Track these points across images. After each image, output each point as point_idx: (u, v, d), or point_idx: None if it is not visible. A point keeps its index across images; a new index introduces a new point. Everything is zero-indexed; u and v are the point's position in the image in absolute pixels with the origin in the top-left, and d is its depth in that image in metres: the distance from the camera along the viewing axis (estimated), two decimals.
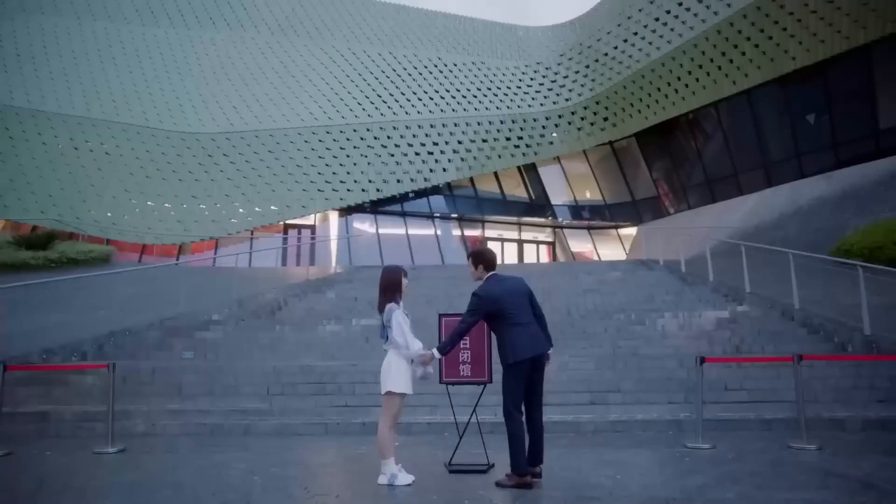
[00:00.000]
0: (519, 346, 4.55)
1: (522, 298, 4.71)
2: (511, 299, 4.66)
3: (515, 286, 4.77)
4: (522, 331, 4.59)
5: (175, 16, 28.08)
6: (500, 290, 4.70)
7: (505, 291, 4.69)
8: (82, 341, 10.11)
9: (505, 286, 4.74)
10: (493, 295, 4.67)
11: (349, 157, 24.76)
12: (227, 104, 25.13)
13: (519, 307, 4.65)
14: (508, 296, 4.67)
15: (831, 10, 18.19)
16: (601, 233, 29.74)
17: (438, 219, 27.28)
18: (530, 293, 4.80)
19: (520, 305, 4.66)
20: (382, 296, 4.77)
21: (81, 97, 24.26)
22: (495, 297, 4.65)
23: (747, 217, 20.81)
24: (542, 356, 4.67)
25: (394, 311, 4.64)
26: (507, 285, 4.76)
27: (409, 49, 29.04)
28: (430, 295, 14.16)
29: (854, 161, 18.71)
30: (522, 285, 4.82)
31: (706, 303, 12.18)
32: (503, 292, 4.68)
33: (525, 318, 4.64)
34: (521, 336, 4.57)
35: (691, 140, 24.83)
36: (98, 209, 22.20)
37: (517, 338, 4.57)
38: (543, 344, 4.68)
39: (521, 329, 4.59)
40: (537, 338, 4.65)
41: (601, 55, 26.20)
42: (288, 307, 13.48)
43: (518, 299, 4.69)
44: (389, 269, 4.91)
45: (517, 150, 26.90)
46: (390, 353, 4.66)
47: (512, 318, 4.60)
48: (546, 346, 4.72)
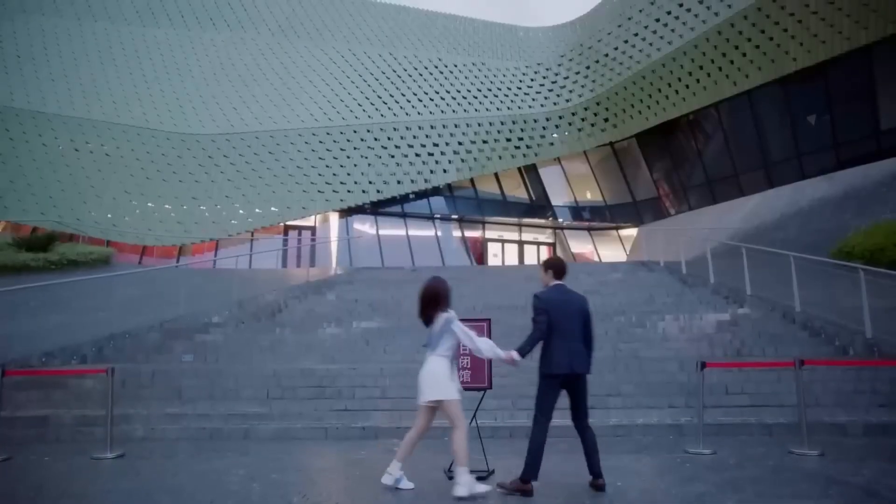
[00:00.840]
0: (555, 360, 4.62)
1: (575, 315, 4.72)
2: (561, 311, 4.68)
3: (572, 301, 4.79)
4: (563, 346, 4.62)
5: (175, 17, 28.07)
6: (555, 298, 4.74)
7: (558, 302, 4.73)
8: (82, 344, 10.10)
9: (562, 298, 4.77)
10: (544, 301, 4.73)
11: (349, 158, 24.74)
12: (228, 105, 25.11)
13: (566, 321, 4.66)
14: (559, 307, 4.69)
15: (832, 11, 18.15)
16: (602, 233, 29.70)
17: (439, 220, 27.24)
18: (586, 313, 4.80)
19: (568, 320, 4.67)
20: (430, 307, 4.72)
21: (82, 98, 24.25)
22: (544, 304, 4.70)
23: (748, 218, 20.77)
24: (574, 375, 4.67)
25: (454, 319, 4.65)
26: (564, 297, 4.78)
27: (410, 50, 29.02)
28: None
29: (855, 162, 18.68)
30: (580, 303, 4.81)
31: (707, 305, 12.15)
32: (556, 302, 4.72)
33: (570, 333, 4.65)
34: (559, 350, 4.62)
35: (692, 141, 24.80)
36: (98, 210, 22.20)
37: (556, 351, 4.63)
38: (582, 364, 4.69)
39: (563, 344, 4.62)
40: (578, 356, 4.66)
41: (602, 56, 26.17)
42: (288, 309, 13.45)
43: (569, 314, 4.70)
44: (438, 280, 4.86)
45: (517, 150, 26.87)
46: (437, 361, 4.64)
47: (557, 330, 4.63)
48: (585, 366, 4.73)
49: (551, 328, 4.63)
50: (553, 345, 4.63)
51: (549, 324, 4.63)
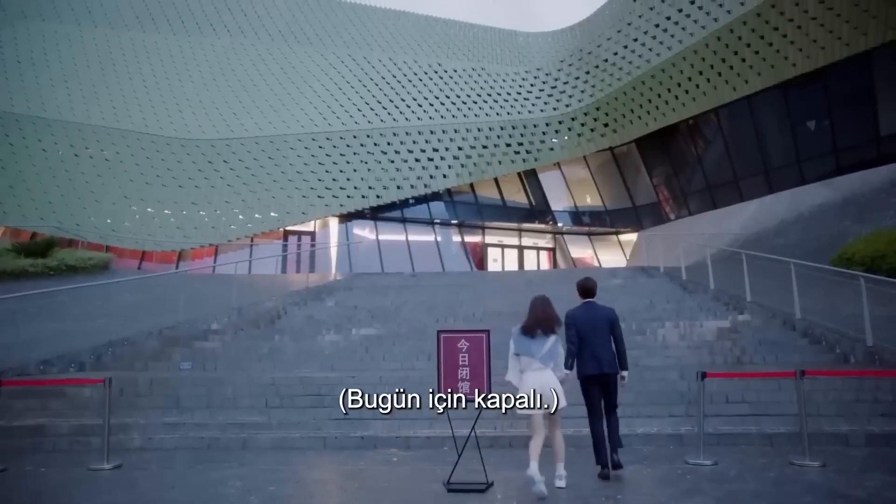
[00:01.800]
0: (582, 364, 5.45)
1: (601, 325, 5.45)
2: (586, 324, 5.45)
3: (597, 314, 5.54)
4: (588, 352, 5.39)
5: (175, 22, 28.10)
6: (579, 314, 5.54)
7: (583, 317, 5.52)
8: (80, 351, 10.08)
9: (587, 313, 5.55)
10: (571, 317, 5.54)
11: (349, 163, 24.73)
12: (227, 110, 25.12)
13: (592, 332, 5.42)
14: (584, 321, 5.47)
15: (831, 17, 18.16)
16: (601, 239, 29.68)
17: (438, 225, 27.22)
18: (612, 323, 5.51)
19: (593, 330, 5.42)
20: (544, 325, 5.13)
21: (81, 103, 24.27)
22: (571, 319, 5.51)
23: (748, 223, 20.75)
24: (606, 375, 5.40)
25: (559, 340, 5.19)
26: (589, 312, 5.55)
27: (409, 55, 29.04)
28: (430, 302, 14.14)
29: (855, 167, 18.67)
30: (605, 315, 5.54)
31: (707, 311, 12.12)
32: (580, 317, 5.51)
33: (596, 342, 5.40)
34: (583, 356, 5.42)
35: (692, 146, 24.81)
36: (97, 216, 22.19)
37: (582, 357, 5.44)
38: (609, 366, 5.40)
39: (588, 351, 5.39)
40: (603, 361, 5.38)
41: (601, 61, 26.19)
42: (287, 316, 13.44)
43: (594, 325, 5.45)
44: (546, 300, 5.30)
45: (517, 155, 26.87)
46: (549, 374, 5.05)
47: (584, 340, 5.40)
48: (613, 368, 5.43)
49: (581, 339, 5.41)
50: (583, 353, 5.42)
51: (580, 336, 5.42)
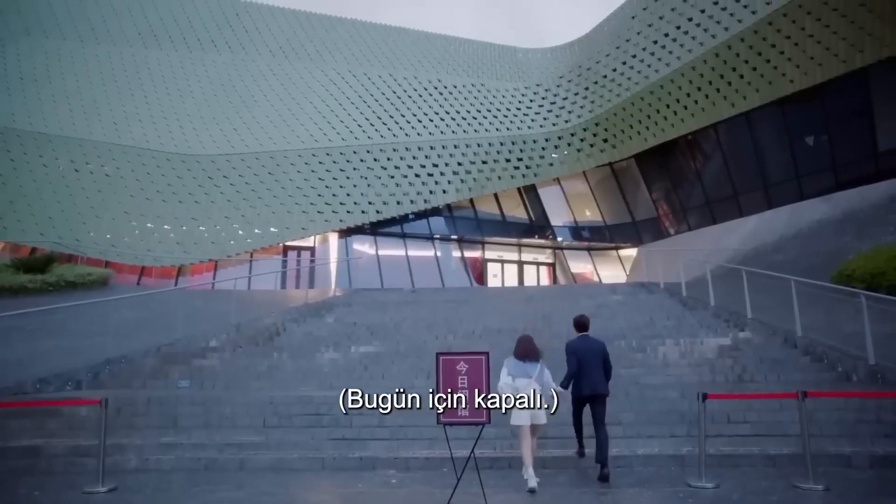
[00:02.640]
0: (583, 386, 6.45)
1: (595, 355, 6.52)
2: (583, 354, 6.49)
3: (592, 346, 6.61)
4: (584, 376, 6.43)
5: (177, 39, 28.31)
6: (577, 345, 6.60)
7: (580, 347, 6.56)
8: (77, 369, 10.02)
9: (583, 345, 6.60)
10: (571, 347, 6.62)
11: (349, 178, 24.78)
12: (228, 126, 25.22)
13: (588, 360, 6.47)
14: (581, 351, 6.52)
15: (827, 34, 18.30)
16: (601, 254, 29.66)
17: (438, 240, 27.21)
18: (604, 353, 6.60)
19: (589, 359, 6.48)
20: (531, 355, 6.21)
21: (83, 119, 24.38)
22: (571, 349, 6.59)
23: (747, 239, 20.76)
24: (597, 395, 6.46)
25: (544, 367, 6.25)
26: (585, 344, 6.62)
27: (409, 71, 29.22)
28: (429, 319, 14.08)
29: (854, 183, 18.72)
30: (599, 347, 6.63)
31: (707, 328, 12.07)
32: (578, 347, 6.56)
33: (590, 368, 6.45)
34: (580, 379, 6.44)
35: (691, 161, 24.88)
36: (97, 231, 22.19)
37: (578, 380, 6.45)
38: (599, 388, 6.45)
39: (584, 375, 6.43)
40: (596, 383, 6.45)
41: (600, 77, 26.34)
42: (286, 332, 13.37)
43: (590, 355, 6.50)
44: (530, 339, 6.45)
45: (517, 171, 26.93)
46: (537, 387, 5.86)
47: (581, 366, 6.43)
48: (605, 389, 6.48)
49: (579, 365, 6.43)
50: (583, 377, 6.43)
51: (579, 363, 6.43)
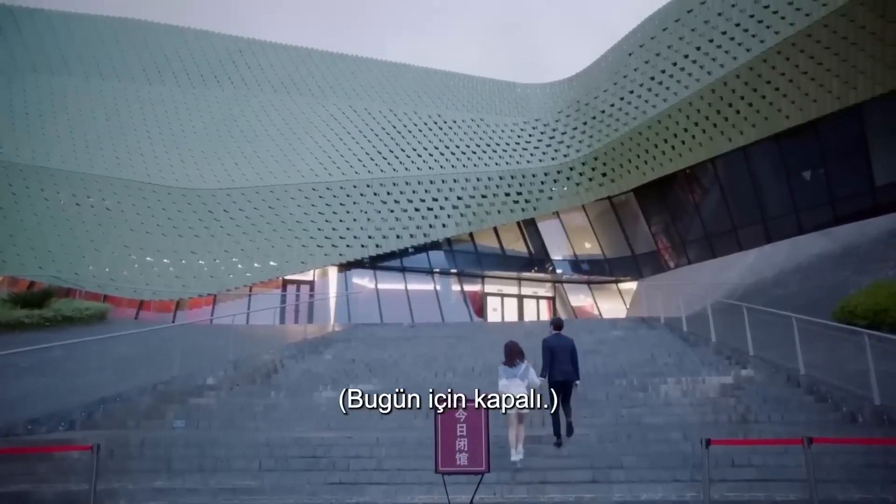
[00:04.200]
0: (555, 374, 8.10)
1: (565, 350, 8.24)
2: (557, 348, 8.22)
3: (563, 343, 8.33)
4: (558, 367, 8.12)
5: (180, 75, 28.74)
6: (552, 342, 8.32)
7: (555, 344, 8.28)
8: (71, 409, 9.86)
9: (557, 342, 8.33)
10: (546, 343, 8.36)
11: (349, 212, 24.86)
12: (229, 160, 25.43)
13: (560, 353, 8.18)
14: (554, 346, 8.25)
15: (821, 72, 18.57)
16: (601, 287, 29.59)
17: (438, 274, 27.17)
18: (572, 348, 8.33)
19: (562, 353, 8.19)
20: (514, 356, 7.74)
21: (85, 153, 24.58)
22: (546, 345, 8.31)
23: (747, 273, 20.73)
24: (567, 382, 8.15)
25: (529, 365, 7.83)
26: (558, 341, 8.34)
27: (409, 106, 29.59)
28: (428, 355, 13.96)
29: (852, 217, 18.79)
30: (568, 343, 8.35)
31: (709, 366, 11.94)
32: (553, 344, 8.29)
33: (562, 360, 8.16)
34: (556, 370, 8.12)
35: (690, 195, 25.00)
36: (97, 265, 22.17)
37: (555, 370, 8.12)
38: (569, 375, 8.17)
39: (557, 365, 8.13)
40: (566, 372, 8.15)
41: (598, 112, 26.65)
42: (284, 370, 13.23)
43: (562, 349, 8.22)
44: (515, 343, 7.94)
45: (516, 205, 27.04)
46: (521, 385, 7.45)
47: (555, 359, 8.15)
48: (572, 376, 8.22)
49: (552, 358, 8.15)
50: (554, 367, 8.14)
51: (552, 355, 8.16)
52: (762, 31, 19.71)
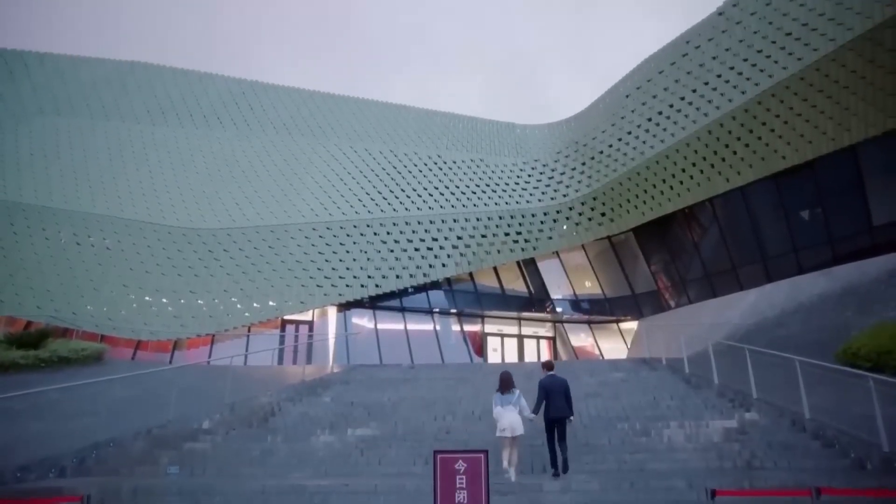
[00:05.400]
0: (550, 411, 9.01)
1: (559, 389, 9.13)
2: (551, 387, 9.13)
3: (557, 381, 9.23)
4: (551, 404, 9.02)
5: (184, 116, 29.17)
6: (546, 382, 9.23)
7: (549, 383, 9.21)
8: (62, 455, 9.69)
9: (551, 381, 9.24)
10: (541, 383, 9.25)
11: (349, 252, 24.89)
12: (230, 200, 25.58)
13: (555, 392, 9.08)
14: (550, 385, 9.16)
15: (815, 114, 18.83)
16: (602, 327, 29.41)
17: (437, 314, 27.03)
18: (566, 387, 9.23)
19: (556, 391, 9.08)
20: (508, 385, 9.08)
21: (88, 193, 24.75)
22: (541, 384, 9.21)
23: (748, 313, 20.62)
24: (562, 418, 8.98)
25: (520, 394, 9.02)
26: (552, 381, 9.24)
27: (410, 146, 29.93)
28: (428, 398, 13.77)
29: (851, 257, 18.79)
30: (562, 382, 9.25)
31: (712, 409, 11.77)
32: (548, 383, 9.21)
33: (556, 398, 9.03)
34: (551, 407, 9.00)
35: (689, 234, 25.07)
36: (95, 304, 22.08)
37: (550, 407, 9.01)
38: (563, 411, 9.00)
39: (551, 403, 9.02)
40: (560, 409, 8.99)
41: (597, 153, 26.93)
42: (281, 412, 13.04)
43: (556, 388, 9.12)
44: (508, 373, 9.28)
45: (516, 245, 27.09)
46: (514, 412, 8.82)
47: (549, 397, 9.05)
48: (566, 413, 9.01)
49: (547, 396, 9.07)
50: (549, 405, 9.03)
51: (547, 394, 9.07)
52: (756, 74, 20.07)
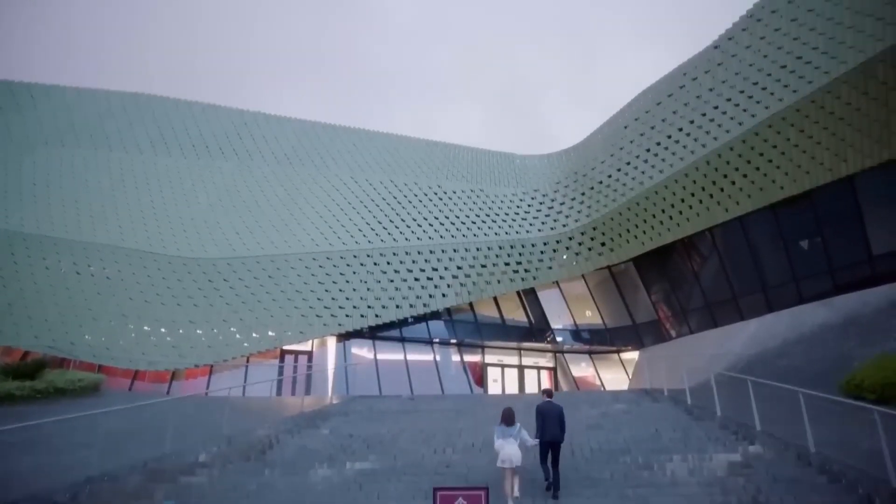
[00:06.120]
0: (545, 434, 9.62)
1: (555, 414, 9.77)
2: (547, 413, 9.77)
3: (553, 408, 9.87)
4: (546, 428, 9.63)
5: (186, 147, 29.44)
6: (543, 407, 9.86)
7: (545, 409, 9.84)
8: (55, 490, 9.50)
9: (547, 407, 9.87)
10: (538, 409, 9.90)
11: (349, 282, 24.86)
12: (231, 230, 25.65)
13: (550, 418, 9.70)
14: (546, 411, 9.79)
15: (812, 145, 19.00)
16: (603, 357, 29.21)
17: (437, 344, 26.86)
18: (561, 413, 9.86)
19: (551, 417, 9.71)
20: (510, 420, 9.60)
21: (89, 223, 24.84)
22: (538, 410, 9.86)
23: (750, 343, 20.50)
24: (556, 441, 9.59)
25: (521, 427, 9.58)
26: (548, 406, 9.88)
27: (410, 177, 30.14)
28: (428, 430, 13.61)
29: (852, 287, 18.76)
30: (557, 408, 9.89)
31: (716, 442, 11.61)
32: (544, 409, 9.84)
33: (551, 423, 9.66)
34: (546, 430, 9.63)
35: (689, 264, 25.07)
36: (93, 334, 21.98)
37: (545, 430, 9.63)
38: (557, 436, 9.62)
39: (547, 427, 9.64)
40: (554, 433, 9.62)
41: (596, 183, 27.11)
42: (279, 445, 12.86)
43: (551, 414, 9.76)
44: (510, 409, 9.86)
45: (516, 274, 27.08)
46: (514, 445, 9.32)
47: (545, 422, 9.67)
48: (560, 437, 9.64)
49: (543, 421, 9.69)
50: (544, 429, 9.65)
51: (542, 419, 9.70)
52: (752, 105, 20.33)
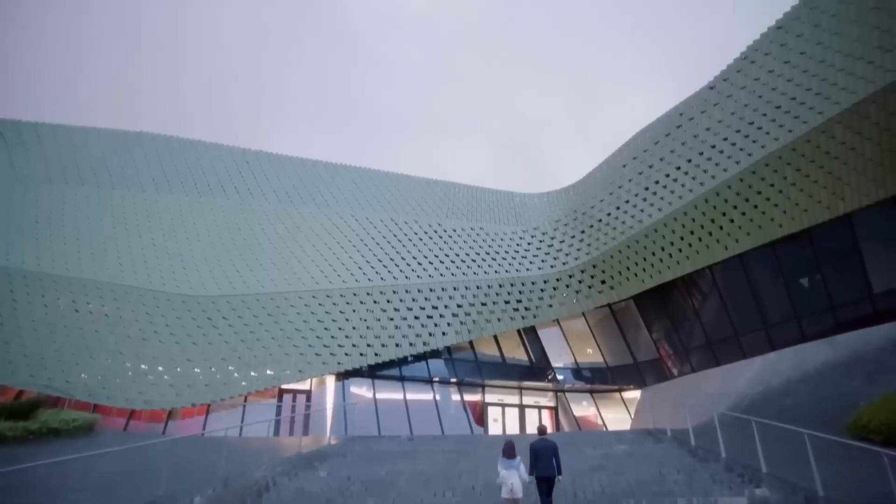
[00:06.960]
0: (539, 469, 10.08)
1: (548, 450, 10.17)
2: (541, 449, 10.20)
3: (546, 445, 10.26)
4: (539, 462, 10.10)
5: (188, 184, 29.69)
6: (537, 444, 10.30)
7: (539, 446, 10.26)
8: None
9: (541, 444, 10.29)
10: (532, 446, 10.32)
11: (348, 320, 24.74)
12: (231, 268, 25.66)
13: (543, 454, 10.13)
14: (540, 447, 10.22)
15: (809, 183, 19.17)
16: (605, 396, 28.86)
17: (437, 383, 26.58)
18: (555, 449, 10.24)
19: (545, 452, 10.14)
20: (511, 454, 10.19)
21: (90, 260, 24.86)
22: (532, 447, 10.28)
23: (754, 382, 20.29)
24: (549, 477, 10.02)
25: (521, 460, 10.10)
26: (542, 443, 10.30)
27: (410, 215, 30.31)
28: (427, 472, 13.36)
29: (853, 325, 18.66)
30: (551, 444, 10.27)
31: (721, 484, 11.40)
32: (538, 446, 10.27)
33: (544, 459, 10.09)
34: (540, 466, 10.08)
35: (689, 302, 25.00)
36: (90, 372, 21.77)
37: (539, 467, 10.08)
38: (550, 471, 10.05)
39: (540, 464, 10.08)
40: (549, 469, 10.05)
41: (595, 221, 27.25)
42: (276, 488, 12.61)
43: (545, 450, 10.17)
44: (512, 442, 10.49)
45: (516, 312, 26.97)
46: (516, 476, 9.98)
47: (538, 458, 10.12)
48: (553, 473, 10.05)
49: (536, 457, 10.15)
50: (538, 465, 10.09)
51: (536, 456, 10.16)
52: (749, 144, 20.58)
